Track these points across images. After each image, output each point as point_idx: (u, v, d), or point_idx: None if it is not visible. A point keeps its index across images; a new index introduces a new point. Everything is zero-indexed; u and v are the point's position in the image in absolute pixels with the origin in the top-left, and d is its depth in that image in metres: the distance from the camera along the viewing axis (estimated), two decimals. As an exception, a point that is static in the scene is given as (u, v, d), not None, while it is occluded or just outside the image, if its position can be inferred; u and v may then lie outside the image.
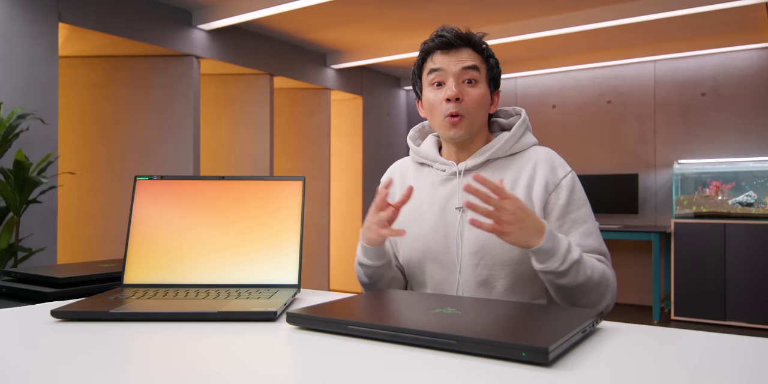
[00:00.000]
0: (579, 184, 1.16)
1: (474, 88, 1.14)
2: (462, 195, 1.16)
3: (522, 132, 1.19)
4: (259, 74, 4.37)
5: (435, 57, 1.16)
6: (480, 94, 1.14)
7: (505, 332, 0.70)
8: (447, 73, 1.14)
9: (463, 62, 1.13)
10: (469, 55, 1.15)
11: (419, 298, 0.94)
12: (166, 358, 0.65)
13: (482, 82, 1.15)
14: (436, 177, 1.21)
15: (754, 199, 4.19)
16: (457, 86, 1.13)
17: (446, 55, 1.15)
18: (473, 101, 1.13)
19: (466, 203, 0.94)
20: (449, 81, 1.14)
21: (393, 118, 5.89)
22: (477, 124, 1.16)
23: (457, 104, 1.12)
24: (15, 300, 1.05)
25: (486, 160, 1.17)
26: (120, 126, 3.75)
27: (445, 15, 3.82)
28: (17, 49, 2.86)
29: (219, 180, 1.07)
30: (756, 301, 3.96)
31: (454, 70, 1.13)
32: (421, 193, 1.22)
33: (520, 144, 1.18)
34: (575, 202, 1.13)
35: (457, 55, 1.14)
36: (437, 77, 1.15)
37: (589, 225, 1.12)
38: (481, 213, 0.96)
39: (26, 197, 2.59)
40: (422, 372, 0.58)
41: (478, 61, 1.15)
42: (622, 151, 4.95)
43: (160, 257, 1.02)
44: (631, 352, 0.67)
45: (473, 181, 1.06)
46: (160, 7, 3.58)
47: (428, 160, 1.23)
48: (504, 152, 1.17)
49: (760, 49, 4.45)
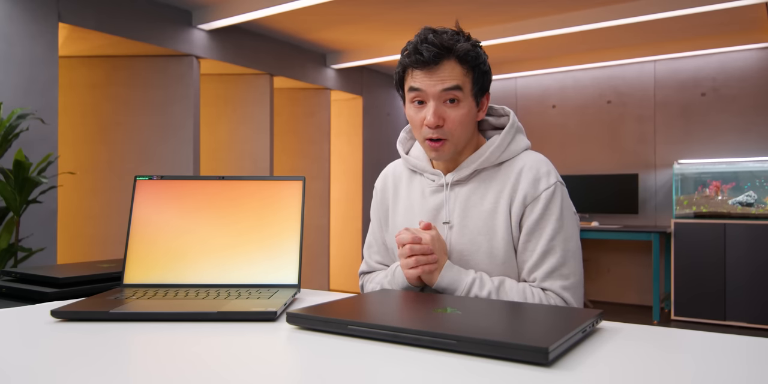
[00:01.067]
0: (560, 197, 1.09)
1: (456, 108, 1.07)
2: (448, 209, 1.14)
3: (510, 138, 1.14)
4: (259, 74, 4.37)
5: (415, 73, 1.08)
6: (463, 114, 1.08)
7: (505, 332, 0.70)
8: (427, 94, 1.07)
9: (443, 82, 1.05)
10: (450, 71, 1.06)
11: (419, 298, 0.94)
12: (166, 358, 0.65)
13: (466, 98, 1.08)
14: (427, 186, 1.19)
15: (754, 199, 4.19)
16: (438, 109, 1.06)
17: (426, 73, 1.06)
18: (455, 123, 1.07)
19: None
20: (429, 102, 1.07)
21: (393, 118, 5.89)
22: (461, 143, 1.11)
23: (438, 130, 1.07)
24: (15, 300, 1.05)
25: (473, 171, 1.13)
26: (120, 126, 3.75)
27: (444, 15, 3.82)
28: (17, 49, 2.86)
29: (219, 180, 1.07)
30: (756, 301, 3.96)
31: (434, 91, 1.06)
32: (412, 203, 1.20)
33: (509, 151, 1.14)
34: (547, 216, 1.07)
35: (438, 74, 1.05)
36: (417, 96, 1.08)
37: (550, 244, 1.06)
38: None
39: (26, 197, 2.59)
40: (422, 372, 0.58)
41: (461, 75, 1.06)
42: (622, 151, 4.95)
43: (160, 257, 1.02)
44: (631, 352, 0.67)
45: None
46: (160, 7, 3.58)
47: (418, 168, 1.21)
48: (491, 162, 1.13)
49: (760, 49, 4.45)
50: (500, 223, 1.09)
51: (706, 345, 0.70)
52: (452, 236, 1.12)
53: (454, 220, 1.13)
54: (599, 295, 5.05)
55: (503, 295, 1.04)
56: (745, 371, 0.59)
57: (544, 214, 1.07)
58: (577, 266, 1.08)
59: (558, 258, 1.06)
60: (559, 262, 1.06)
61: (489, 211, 1.10)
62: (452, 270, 1.06)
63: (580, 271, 1.09)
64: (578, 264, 1.09)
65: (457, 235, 1.12)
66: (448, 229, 1.13)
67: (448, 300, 0.88)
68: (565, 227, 1.08)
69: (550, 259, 1.06)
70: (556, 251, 1.06)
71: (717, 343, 0.70)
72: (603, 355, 0.65)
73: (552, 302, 1.05)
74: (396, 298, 0.93)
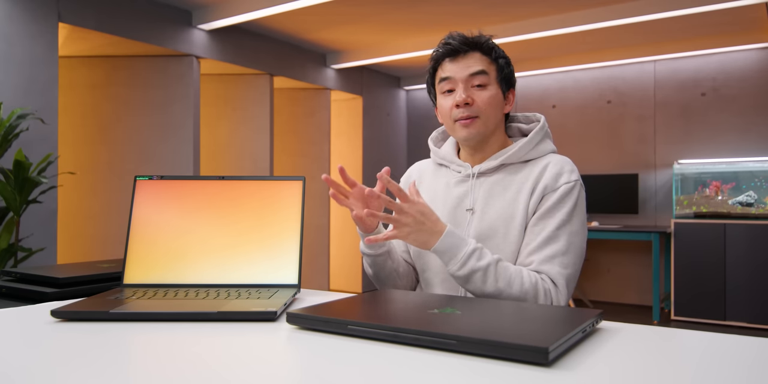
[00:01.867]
0: (577, 195, 1.11)
1: (484, 90, 1.16)
2: (473, 197, 1.17)
3: (539, 139, 1.20)
4: (259, 74, 4.37)
5: (444, 65, 1.19)
6: (490, 96, 1.16)
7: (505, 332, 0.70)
8: (456, 81, 1.16)
9: (470, 68, 1.15)
10: (476, 59, 1.16)
11: (419, 298, 0.94)
12: (166, 358, 0.65)
13: (492, 83, 1.17)
14: (452, 178, 1.23)
15: (754, 199, 4.19)
16: (466, 91, 1.15)
17: (454, 62, 1.17)
18: (484, 102, 1.15)
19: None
20: (459, 87, 1.16)
21: (393, 118, 5.89)
22: (491, 124, 1.17)
23: (468, 108, 1.14)
24: (15, 300, 1.05)
25: (500, 164, 1.18)
26: (120, 126, 3.75)
27: (445, 15, 3.82)
28: (17, 49, 2.86)
29: (219, 180, 1.07)
30: (756, 301, 3.96)
31: (462, 76, 1.15)
32: (436, 193, 1.24)
33: (537, 151, 1.19)
34: (560, 207, 1.09)
35: (465, 61, 1.16)
36: (447, 85, 1.18)
37: (559, 232, 1.07)
38: (382, 218, 0.99)
39: (26, 197, 2.59)
40: (422, 372, 0.58)
41: (486, 63, 1.17)
42: (622, 151, 4.95)
43: (160, 257, 1.02)
44: (631, 352, 0.67)
45: (384, 175, 1.02)
46: (160, 7, 3.58)
47: (445, 161, 1.26)
48: (519, 158, 1.18)
49: (760, 49, 4.45)
50: (519, 210, 1.12)
51: (706, 345, 0.70)
52: (473, 221, 1.15)
53: (477, 207, 1.16)
54: (599, 295, 5.05)
55: (501, 269, 1.02)
56: (745, 371, 0.59)
57: (558, 204, 1.10)
58: (577, 262, 1.09)
59: (560, 246, 1.07)
60: (561, 250, 1.07)
61: (510, 199, 1.14)
62: (453, 236, 1.02)
63: (577, 269, 1.10)
64: (578, 260, 1.10)
65: (478, 221, 1.15)
66: (470, 215, 1.16)
67: (448, 300, 0.88)
68: (573, 222, 1.10)
69: (553, 245, 1.07)
70: (560, 240, 1.08)
71: (717, 343, 0.70)
72: (603, 355, 0.65)
73: (541, 288, 1.03)
74: (396, 298, 0.93)
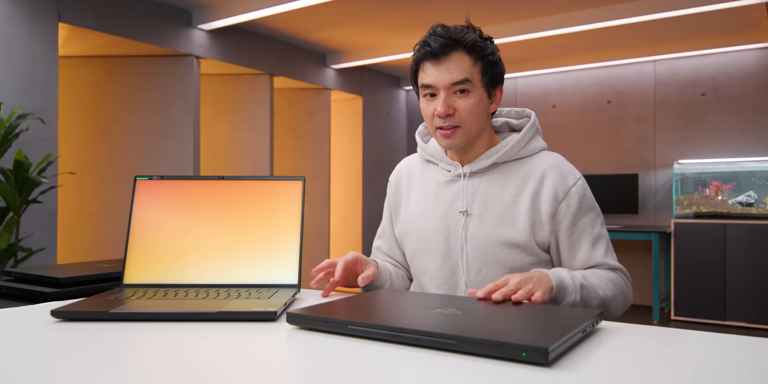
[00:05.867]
0: (588, 189, 1.16)
1: (466, 98, 1.10)
2: (466, 198, 1.16)
3: (531, 136, 1.18)
4: (259, 74, 4.37)
5: (426, 67, 1.12)
6: (473, 104, 1.11)
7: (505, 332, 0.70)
8: (438, 87, 1.11)
9: (451, 74, 1.09)
10: (458, 62, 1.09)
11: (419, 298, 0.94)
12: (166, 358, 0.65)
13: (476, 88, 1.11)
14: (441, 177, 1.21)
15: (754, 199, 4.19)
16: (448, 99, 1.10)
17: (436, 65, 1.10)
18: (466, 111, 1.10)
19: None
20: (440, 94, 1.11)
21: (393, 117, 5.89)
22: (474, 131, 1.14)
23: (449, 118, 1.11)
24: (15, 300, 1.05)
25: (492, 163, 1.16)
26: (120, 126, 3.74)
27: (445, 15, 3.82)
28: (17, 49, 2.86)
29: (219, 180, 1.07)
30: (756, 301, 3.96)
31: (444, 84, 1.10)
32: (426, 193, 1.22)
33: (528, 148, 1.17)
34: (584, 209, 1.13)
35: (446, 66, 1.09)
36: (428, 90, 1.13)
37: (597, 231, 1.13)
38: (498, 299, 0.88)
39: (26, 197, 2.59)
40: (422, 372, 0.58)
41: (469, 66, 1.10)
42: (622, 151, 4.95)
43: (160, 257, 1.02)
44: (631, 352, 0.67)
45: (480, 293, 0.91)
46: (160, 7, 3.58)
47: (434, 158, 1.24)
48: (511, 156, 1.16)
49: (760, 49, 4.45)
50: (521, 214, 1.11)
51: (705, 345, 0.70)
52: (470, 225, 1.14)
53: (473, 210, 1.15)
54: (599, 295, 5.05)
55: (592, 276, 1.07)
56: (745, 371, 0.59)
57: (581, 206, 1.13)
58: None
59: (606, 241, 1.15)
60: (608, 245, 1.15)
61: (509, 202, 1.13)
62: (558, 280, 1.01)
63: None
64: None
65: (476, 226, 1.14)
66: (464, 217, 1.15)
67: (448, 300, 0.88)
68: (599, 213, 1.16)
69: (602, 243, 1.14)
70: (603, 235, 1.15)
71: (717, 343, 0.70)
72: (603, 355, 0.65)
73: (622, 278, 1.12)
74: (396, 298, 0.93)
